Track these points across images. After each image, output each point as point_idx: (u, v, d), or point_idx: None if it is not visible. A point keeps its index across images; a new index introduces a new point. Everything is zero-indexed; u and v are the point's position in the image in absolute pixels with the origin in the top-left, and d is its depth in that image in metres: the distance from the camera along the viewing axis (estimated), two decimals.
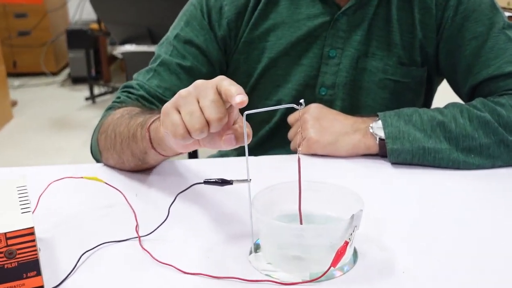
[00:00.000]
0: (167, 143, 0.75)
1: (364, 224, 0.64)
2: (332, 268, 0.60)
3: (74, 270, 0.65)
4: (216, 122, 0.63)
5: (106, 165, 0.95)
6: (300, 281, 0.61)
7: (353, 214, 0.62)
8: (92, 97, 3.91)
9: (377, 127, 0.92)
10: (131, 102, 0.98)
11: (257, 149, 1.05)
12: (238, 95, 0.60)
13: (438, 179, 0.88)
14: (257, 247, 0.68)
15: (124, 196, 0.81)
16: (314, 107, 0.96)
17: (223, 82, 0.63)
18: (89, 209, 0.81)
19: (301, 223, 0.66)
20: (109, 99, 4.08)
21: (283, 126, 1.02)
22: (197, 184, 0.67)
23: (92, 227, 0.76)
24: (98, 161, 0.98)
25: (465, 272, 0.63)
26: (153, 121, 0.80)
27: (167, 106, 0.67)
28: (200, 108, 0.63)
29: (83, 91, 4.01)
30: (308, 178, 0.69)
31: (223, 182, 0.66)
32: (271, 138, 0.97)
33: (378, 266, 0.64)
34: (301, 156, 0.65)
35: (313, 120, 0.94)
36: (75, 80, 4.20)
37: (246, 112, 0.61)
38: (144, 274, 0.64)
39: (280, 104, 0.70)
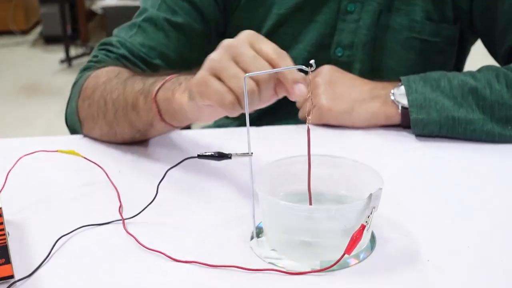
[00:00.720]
0: (192, 115, 0.74)
1: (383, 205, 0.64)
2: (346, 255, 0.60)
3: (48, 258, 0.65)
4: (266, 81, 0.64)
5: (88, 136, 0.95)
6: (309, 270, 0.61)
7: (370, 194, 0.61)
8: (68, 60, 3.89)
9: (399, 94, 0.92)
10: (111, 61, 0.97)
11: (261, 119, 1.04)
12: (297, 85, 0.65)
13: (470, 154, 0.88)
14: (259, 232, 0.68)
15: (106, 173, 0.81)
16: (327, 70, 0.95)
17: (264, 46, 0.66)
18: (65, 188, 0.81)
19: (310, 203, 0.66)
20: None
21: None
22: (190, 158, 0.67)
23: (69, 208, 0.76)
24: (74, 132, 0.98)
25: (498, 261, 0.63)
26: (158, 89, 0.79)
27: (202, 74, 0.67)
28: (242, 69, 0.64)
29: (58, 53, 3.99)
30: (319, 152, 0.69)
31: (220, 156, 0.66)
32: (278, 106, 0.96)
33: (399, 253, 0.64)
34: (311, 127, 0.64)
35: (326, 85, 0.94)
36: (48, 39, 4.17)
37: (247, 75, 0.61)
38: (129, 262, 0.64)
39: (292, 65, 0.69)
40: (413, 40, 1.00)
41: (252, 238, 0.67)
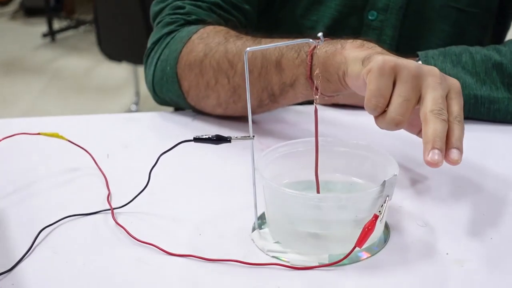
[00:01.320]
0: (346, 75, 0.72)
1: (398, 193, 0.63)
2: (357, 248, 0.60)
3: (30, 251, 0.65)
4: (437, 136, 0.63)
5: (194, 108, 0.95)
6: (317, 264, 0.61)
7: (384, 181, 0.61)
8: (51, 33, 3.88)
9: None
10: (203, 13, 0.96)
11: None
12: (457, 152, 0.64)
13: (494, 137, 0.88)
14: (261, 223, 0.68)
15: (93, 157, 0.81)
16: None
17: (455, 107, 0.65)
18: (48, 174, 0.81)
19: (318, 191, 0.66)
20: (73, 36, 4.06)
21: None
22: (186, 141, 0.67)
23: (52, 196, 0.76)
24: (166, 103, 0.98)
25: None
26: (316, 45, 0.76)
27: (390, 62, 0.65)
28: (422, 95, 0.64)
29: (40, 26, 3.98)
30: (328, 134, 0.68)
31: (218, 140, 0.66)
32: None
33: (416, 246, 0.64)
34: (319, 107, 0.64)
35: None
36: (30, 11, 4.16)
37: (248, 49, 0.60)
38: (118, 256, 0.64)
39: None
40: (449, 9, 1.00)
41: (253, 229, 0.67)
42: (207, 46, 0.91)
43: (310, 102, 0.82)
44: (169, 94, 0.96)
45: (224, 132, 0.84)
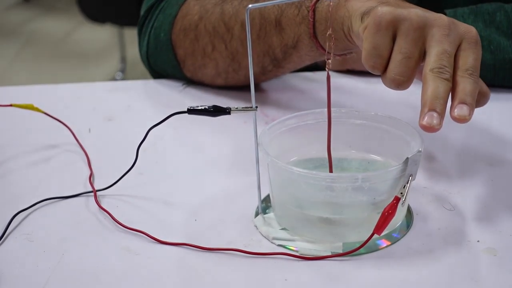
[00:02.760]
0: (350, 30, 0.71)
1: (422, 172, 0.63)
2: (375, 235, 0.60)
3: (3, 238, 0.65)
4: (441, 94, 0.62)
5: (192, 79, 0.95)
6: (329, 254, 0.61)
7: (407, 158, 0.61)
8: None
9: None
10: None
11: None
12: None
13: None
14: (266, 206, 0.68)
15: (72, 132, 0.81)
16: None
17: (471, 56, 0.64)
18: (22, 152, 0.81)
19: (330, 170, 0.66)
20: None
21: None
22: (179, 113, 0.66)
23: (27, 177, 0.76)
24: (162, 75, 0.98)
25: None
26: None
27: (386, 16, 0.65)
28: (428, 47, 0.64)
29: None
30: (343, 104, 0.68)
31: (216, 111, 0.65)
32: None
33: (442, 233, 0.64)
34: (332, 74, 0.64)
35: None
36: None
37: (250, 6, 0.60)
38: (103, 245, 0.64)
39: None
40: None
41: (256, 214, 0.67)
42: (203, 8, 0.90)
43: (322, 68, 0.81)
44: (164, 66, 0.96)
45: (223, 102, 0.84)
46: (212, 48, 0.90)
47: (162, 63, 0.96)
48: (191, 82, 0.96)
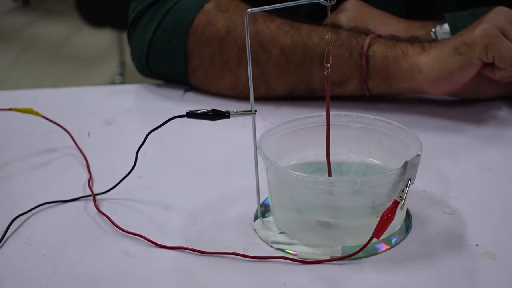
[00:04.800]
0: (433, 75, 0.82)
1: (421, 176, 0.63)
2: (374, 239, 0.60)
3: (2, 242, 0.65)
4: None
5: (197, 86, 0.95)
6: (328, 258, 0.61)
7: (406, 162, 0.61)
8: None
9: (442, 33, 0.91)
10: None
11: None
12: None
13: None
14: (265, 210, 0.68)
15: (72, 136, 0.81)
16: (353, 5, 0.94)
17: None
18: (21, 156, 0.81)
19: (329, 174, 0.66)
20: None
21: None
22: (178, 117, 0.66)
23: (27, 181, 0.76)
24: (161, 77, 0.97)
25: None
26: (369, 44, 0.85)
27: (491, 28, 0.79)
28: None
29: None
30: (342, 109, 0.68)
31: (215, 115, 0.65)
32: None
33: (441, 237, 0.64)
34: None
35: (351, 24, 0.92)
36: None
37: (249, 11, 0.60)
38: (102, 248, 0.64)
39: None
40: None
41: (256, 218, 0.67)
42: (230, 21, 0.91)
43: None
44: (168, 69, 0.96)
45: (222, 106, 0.84)
46: (237, 63, 0.90)
47: (166, 67, 0.96)
48: (191, 88, 0.95)
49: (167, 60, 0.95)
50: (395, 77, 0.84)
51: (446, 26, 0.91)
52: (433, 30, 0.91)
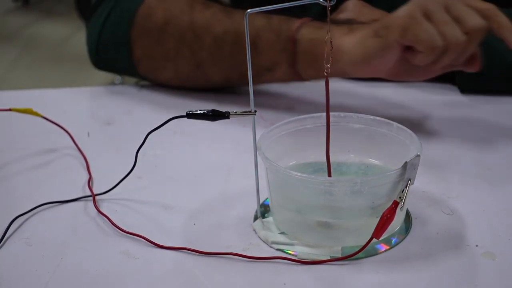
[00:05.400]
0: (357, 57, 0.79)
1: (421, 176, 0.63)
2: (374, 240, 0.60)
3: (1, 243, 0.65)
4: (482, 29, 0.74)
5: (146, 78, 0.96)
6: (328, 258, 0.61)
7: (406, 162, 0.61)
8: None
9: None
10: None
11: None
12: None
13: None
14: (265, 211, 0.68)
15: (71, 136, 0.81)
16: (353, 5, 0.94)
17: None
18: (21, 156, 0.81)
19: (329, 174, 0.66)
20: None
21: None
22: (178, 117, 0.66)
23: (27, 181, 0.76)
24: (111, 70, 1.00)
25: None
26: (299, 27, 0.83)
27: (411, 9, 0.75)
28: (454, 17, 0.74)
29: None
30: (342, 109, 0.68)
31: (215, 115, 0.65)
32: None
33: (441, 237, 0.64)
34: (331, 78, 0.64)
35: None
36: None
37: (249, 11, 0.60)
38: (101, 249, 0.64)
39: None
40: None
41: (255, 218, 0.67)
42: (169, 12, 0.91)
43: None
44: (118, 62, 0.97)
45: (222, 106, 0.84)
46: (175, 54, 0.91)
47: (116, 59, 0.97)
48: (145, 80, 0.96)
49: (114, 51, 0.96)
50: (321, 60, 0.80)
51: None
52: None
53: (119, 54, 0.95)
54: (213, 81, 0.92)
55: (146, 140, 0.68)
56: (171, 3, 0.92)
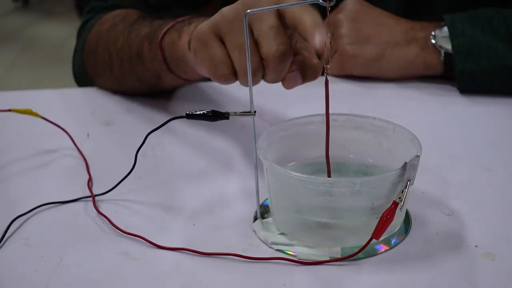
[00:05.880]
0: (192, 64, 0.75)
1: (420, 176, 0.63)
2: (374, 240, 0.60)
3: (2, 242, 0.65)
4: (277, 58, 0.63)
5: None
6: (328, 259, 0.61)
7: (405, 163, 0.61)
8: None
9: (442, 37, 0.92)
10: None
11: None
12: (317, 35, 0.60)
13: None
14: (264, 211, 0.68)
15: (71, 137, 0.81)
16: (352, 4, 0.94)
17: (295, 8, 0.63)
18: (20, 157, 0.81)
19: (329, 175, 0.66)
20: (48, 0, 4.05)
21: None
22: (177, 118, 0.66)
23: (26, 182, 0.76)
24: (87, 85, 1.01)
25: None
26: (165, 32, 0.80)
27: (203, 29, 0.67)
28: (255, 39, 0.64)
29: None
30: (340, 110, 0.68)
31: (215, 116, 0.65)
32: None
33: (440, 238, 0.64)
34: (331, 78, 0.64)
35: (350, 24, 0.93)
36: None
37: (248, 11, 0.60)
38: (101, 249, 0.64)
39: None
40: None
41: (255, 219, 0.67)
42: (99, 33, 0.95)
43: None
44: (84, 81, 1.01)
45: (222, 107, 0.84)
46: (103, 72, 0.94)
47: (81, 79, 1.02)
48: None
49: (79, 76, 1.02)
50: (178, 62, 0.78)
51: (445, 29, 0.91)
52: (433, 33, 0.92)
53: (83, 78, 1.00)
54: (141, 92, 0.93)
55: (146, 141, 0.68)
56: (103, 25, 0.95)
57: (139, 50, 0.85)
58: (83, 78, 1.01)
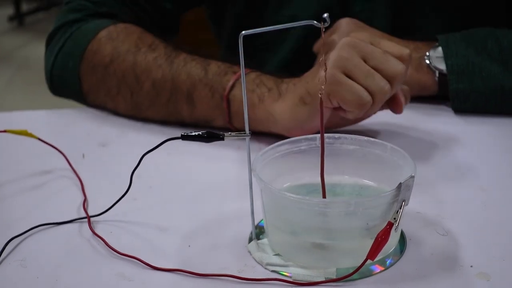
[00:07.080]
0: (287, 123, 0.81)
1: (415, 197, 0.63)
2: (369, 261, 0.60)
3: None
4: (403, 74, 0.76)
5: (94, 107, 0.97)
6: (323, 279, 0.61)
7: (400, 183, 0.61)
8: (19, 16, 3.87)
9: (436, 57, 0.92)
10: (116, 5, 0.99)
11: None
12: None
13: None
14: (259, 232, 0.68)
15: (66, 158, 0.81)
16: (347, 24, 0.95)
17: (383, 41, 0.79)
18: (16, 178, 0.81)
19: (324, 196, 0.66)
20: (43, 19, 4.06)
21: (298, 58, 1.00)
22: (172, 139, 0.66)
23: (22, 203, 0.76)
24: (62, 95, 1.00)
25: None
26: (232, 86, 0.83)
27: (333, 73, 0.74)
28: (373, 67, 0.75)
29: (5, 8, 3.97)
30: (335, 130, 0.68)
31: (210, 137, 0.65)
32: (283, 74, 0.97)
33: (435, 258, 0.64)
34: (326, 99, 0.64)
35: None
36: None
37: (243, 33, 0.60)
38: (96, 271, 0.64)
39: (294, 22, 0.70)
40: None
41: (250, 240, 0.67)
42: (115, 50, 0.93)
43: None
44: (68, 91, 0.99)
45: (216, 128, 0.84)
46: (117, 92, 0.92)
47: (66, 88, 0.99)
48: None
49: (65, 81, 0.98)
50: (253, 122, 0.81)
51: (439, 49, 0.91)
52: (427, 53, 0.92)
53: (70, 85, 0.97)
54: (151, 120, 0.93)
55: (141, 162, 0.68)
56: (119, 42, 0.93)
57: (190, 92, 0.86)
58: (64, 85, 0.98)
